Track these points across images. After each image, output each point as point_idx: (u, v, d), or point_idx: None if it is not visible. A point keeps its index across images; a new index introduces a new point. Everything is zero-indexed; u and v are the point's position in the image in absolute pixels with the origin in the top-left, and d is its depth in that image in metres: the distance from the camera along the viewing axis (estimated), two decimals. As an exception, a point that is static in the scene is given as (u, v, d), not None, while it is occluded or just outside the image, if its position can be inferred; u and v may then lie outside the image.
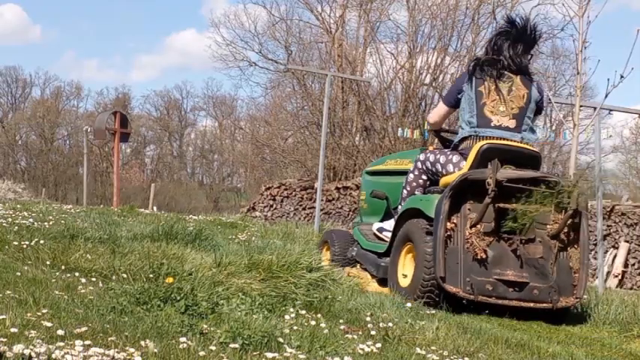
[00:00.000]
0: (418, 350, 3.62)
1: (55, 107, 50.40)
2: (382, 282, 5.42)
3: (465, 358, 3.69)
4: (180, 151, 53.46)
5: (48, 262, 4.54)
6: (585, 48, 8.97)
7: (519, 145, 4.79)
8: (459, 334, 4.26)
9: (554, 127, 31.33)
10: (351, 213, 18.60)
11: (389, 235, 5.31)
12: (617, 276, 14.48)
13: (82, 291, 3.87)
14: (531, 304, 4.66)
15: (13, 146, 48.96)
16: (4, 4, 68.74)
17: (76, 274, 4.30)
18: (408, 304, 4.88)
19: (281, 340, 3.34)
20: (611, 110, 11.31)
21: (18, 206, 9.52)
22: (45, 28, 72.00)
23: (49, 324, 2.98)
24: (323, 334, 3.62)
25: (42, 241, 4.99)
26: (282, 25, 26.93)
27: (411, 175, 5.23)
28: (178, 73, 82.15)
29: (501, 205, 4.56)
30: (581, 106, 9.65)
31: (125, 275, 4.34)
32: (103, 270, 4.49)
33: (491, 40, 4.98)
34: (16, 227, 5.77)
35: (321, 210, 15.46)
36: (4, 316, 3.00)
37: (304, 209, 19.57)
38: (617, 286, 14.12)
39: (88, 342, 2.78)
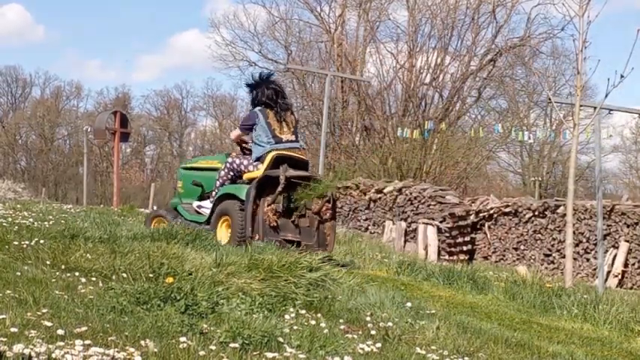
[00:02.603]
0: (418, 350, 3.62)
1: (55, 107, 50.38)
2: None
3: (465, 358, 3.69)
4: (180, 150, 53.45)
5: (48, 262, 4.54)
6: (585, 48, 8.98)
7: (297, 154, 7.42)
8: (459, 334, 4.26)
9: (554, 127, 31.34)
10: (351, 212, 18.60)
11: (207, 211, 7.54)
12: (617, 275, 14.47)
13: (82, 291, 3.87)
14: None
15: (13, 146, 48.97)
16: (6, 4, 68.87)
17: (76, 273, 4.30)
18: (409, 304, 4.88)
19: (281, 339, 3.34)
20: (611, 110, 11.32)
21: (18, 206, 9.53)
22: (48, 28, 72.11)
23: (49, 324, 2.98)
24: (323, 333, 3.62)
25: (42, 241, 4.99)
26: (282, 24, 26.97)
27: (223, 172, 7.49)
28: (180, 73, 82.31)
29: (286, 193, 7.19)
30: (581, 106, 9.65)
31: (125, 275, 4.34)
32: (103, 270, 4.49)
33: (264, 93, 7.45)
34: (16, 227, 5.76)
35: (321, 210, 15.44)
36: (4, 316, 2.99)
37: (304, 209, 19.55)
38: (617, 286, 14.12)
39: (88, 341, 2.78)
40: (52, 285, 3.89)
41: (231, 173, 7.48)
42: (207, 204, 7.57)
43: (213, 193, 7.53)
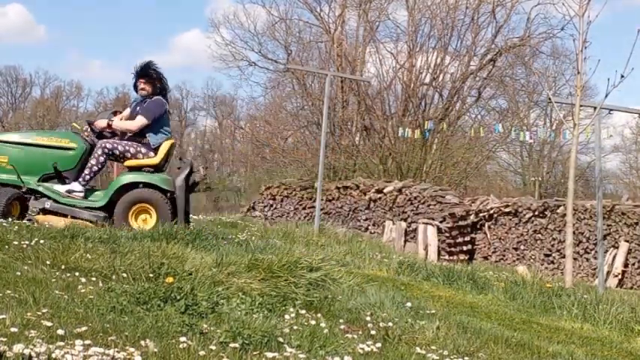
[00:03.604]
0: (418, 350, 3.62)
1: (55, 107, 50.35)
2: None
3: (465, 358, 3.69)
4: (180, 150, 53.45)
5: (48, 262, 4.54)
6: (585, 48, 8.98)
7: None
8: (459, 334, 4.26)
9: (554, 127, 31.33)
10: (351, 212, 18.60)
11: (80, 194, 7.33)
12: (617, 275, 14.47)
13: (82, 291, 3.87)
14: None
15: (13, 146, 48.82)
16: (8, 3, 68.79)
17: (76, 273, 4.30)
18: (409, 304, 4.89)
19: (281, 339, 3.34)
20: (611, 110, 11.31)
21: (18, 206, 9.50)
22: (49, 28, 72.05)
23: (49, 323, 2.98)
24: (323, 333, 3.62)
25: (42, 241, 4.99)
26: (282, 24, 26.92)
27: (102, 158, 7.41)
28: (182, 73, 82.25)
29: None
30: (581, 106, 9.65)
31: (125, 275, 4.34)
32: (103, 270, 4.49)
33: (167, 85, 7.92)
34: (16, 227, 5.77)
35: (321, 209, 15.47)
36: (4, 316, 2.99)
37: (304, 209, 19.56)
38: (617, 286, 14.12)
39: (88, 341, 2.78)
40: (52, 285, 3.89)
41: (105, 157, 7.48)
42: (78, 187, 7.38)
43: (86, 176, 7.41)
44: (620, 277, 14.48)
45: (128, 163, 7.56)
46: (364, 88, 24.28)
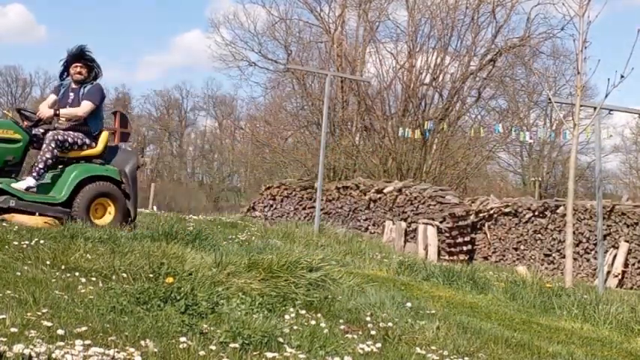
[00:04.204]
0: (418, 350, 3.62)
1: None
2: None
3: (465, 358, 3.69)
4: (180, 150, 53.46)
5: (48, 262, 4.54)
6: (585, 48, 8.98)
7: None
8: (459, 334, 4.26)
9: (554, 127, 31.33)
10: (351, 212, 18.60)
11: (35, 189, 6.94)
12: (617, 276, 14.46)
13: (82, 291, 3.87)
14: None
15: (13, 146, 48.81)
16: (9, 3, 68.73)
17: (76, 273, 4.30)
18: (409, 304, 4.88)
19: (281, 339, 3.34)
20: (611, 110, 11.31)
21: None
22: (50, 28, 72.02)
23: (49, 324, 2.98)
24: (323, 333, 3.62)
25: (42, 241, 4.99)
26: (282, 24, 26.93)
27: (55, 151, 7.03)
28: (182, 73, 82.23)
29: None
30: (581, 106, 9.64)
31: (125, 275, 4.34)
32: (103, 270, 4.49)
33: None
34: (16, 227, 5.77)
35: (321, 209, 15.46)
36: (4, 316, 2.99)
37: (304, 209, 19.56)
38: (617, 286, 14.11)
39: (88, 341, 2.78)
40: (52, 285, 3.89)
41: (58, 149, 7.09)
42: (33, 182, 6.95)
43: (40, 170, 6.97)
44: (620, 277, 14.47)
45: (74, 154, 7.23)
46: (364, 88, 24.28)
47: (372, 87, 24.65)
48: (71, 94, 7.38)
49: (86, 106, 7.28)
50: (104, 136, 7.49)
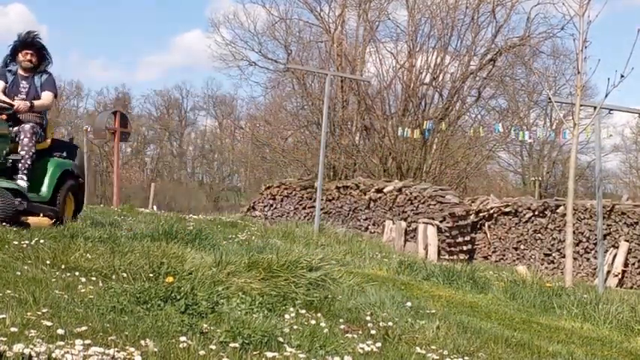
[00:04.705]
0: (418, 350, 3.62)
1: (54, 106, 50.29)
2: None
3: (465, 358, 3.69)
4: (180, 150, 53.43)
5: (48, 262, 4.54)
6: (585, 47, 8.98)
7: None
8: (459, 334, 4.26)
9: (554, 127, 31.32)
10: (351, 212, 18.60)
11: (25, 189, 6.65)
12: (617, 275, 14.47)
13: (82, 290, 3.87)
14: None
15: (13, 146, 48.79)
16: (10, 3, 68.67)
17: (76, 273, 4.30)
18: (409, 304, 4.88)
19: (281, 339, 3.34)
20: (611, 110, 11.30)
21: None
22: (51, 28, 71.97)
23: (49, 323, 2.98)
24: (323, 333, 3.62)
25: (42, 241, 4.99)
26: (282, 24, 26.92)
27: (34, 146, 6.66)
28: (182, 73, 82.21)
29: None
30: (581, 105, 9.65)
31: (125, 274, 4.33)
32: (103, 269, 4.49)
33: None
34: (16, 226, 5.77)
35: (321, 209, 15.47)
36: (4, 316, 2.99)
37: (304, 208, 19.55)
38: (617, 286, 14.11)
39: (88, 341, 2.78)
40: (52, 285, 3.89)
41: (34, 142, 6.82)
42: (25, 180, 6.62)
43: (30, 167, 6.61)
44: (620, 276, 14.48)
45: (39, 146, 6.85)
46: (364, 87, 24.27)
47: (372, 87, 24.65)
48: (23, 82, 6.97)
49: (50, 97, 7.03)
50: (50, 128, 7.23)
